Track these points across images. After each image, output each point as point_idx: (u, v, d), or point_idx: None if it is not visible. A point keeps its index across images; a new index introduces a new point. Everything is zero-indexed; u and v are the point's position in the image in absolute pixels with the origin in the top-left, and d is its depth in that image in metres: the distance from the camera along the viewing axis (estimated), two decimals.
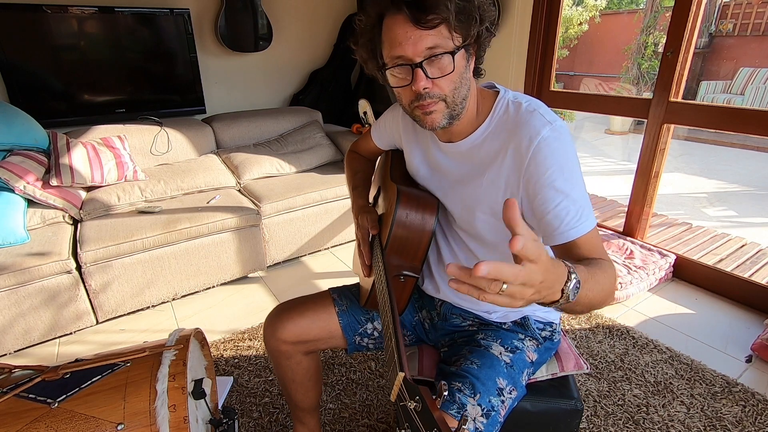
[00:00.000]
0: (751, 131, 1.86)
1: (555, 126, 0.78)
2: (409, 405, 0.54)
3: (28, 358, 1.76)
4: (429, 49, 0.73)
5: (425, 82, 0.76)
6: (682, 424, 1.38)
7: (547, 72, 2.52)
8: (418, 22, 0.72)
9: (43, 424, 0.75)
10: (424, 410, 0.52)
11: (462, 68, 0.77)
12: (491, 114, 0.85)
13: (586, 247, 0.75)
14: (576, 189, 0.77)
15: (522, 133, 0.79)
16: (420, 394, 0.53)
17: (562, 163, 0.77)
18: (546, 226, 0.78)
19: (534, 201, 0.79)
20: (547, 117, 0.80)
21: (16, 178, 1.85)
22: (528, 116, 0.80)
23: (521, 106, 0.83)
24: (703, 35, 6.72)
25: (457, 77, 0.77)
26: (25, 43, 2.20)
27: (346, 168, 1.26)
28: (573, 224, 0.75)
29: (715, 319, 1.90)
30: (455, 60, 0.75)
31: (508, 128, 0.83)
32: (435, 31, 0.73)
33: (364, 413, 1.45)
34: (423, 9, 0.71)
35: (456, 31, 0.74)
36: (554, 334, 1.01)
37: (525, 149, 0.78)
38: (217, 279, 2.17)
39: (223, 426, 1.04)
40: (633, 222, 2.33)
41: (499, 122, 0.85)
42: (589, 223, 0.76)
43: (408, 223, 0.88)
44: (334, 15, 3.30)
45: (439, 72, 0.76)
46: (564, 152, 0.78)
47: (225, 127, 2.71)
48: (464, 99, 0.81)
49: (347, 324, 1.04)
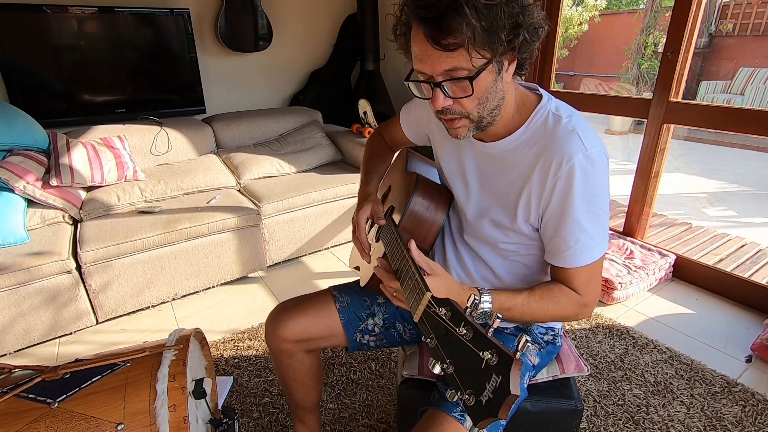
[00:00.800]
0: (751, 131, 1.86)
1: (590, 154, 0.75)
2: (439, 311, 0.58)
3: (28, 358, 1.76)
4: (447, 71, 0.69)
5: (443, 101, 0.72)
6: (682, 424, 1.38)
7: (547, 72, 2.52)
8: (436, 42, 0.66)
9: (43, 424, 0.75)
10: (454, 314, 0.56)
11: (488, 84, 0.72)
12: (528, 121, 0.81)
13: (573, 276, 0.81)
14: (593, 222, 0.77)
15: (555, 152, 0.76)
16: (450, 303, 0.58)
17: (587, 194, 0.76)
18: (552, 247, 0.82)
19: (549, 222, 0.80)
20: (585, 142, 0.75)
21: (16, 178, 1.85)
22: (566, 135, 0.76)
23: (561, 120, 0.78)
24: (703, 35, 6.72)
25: (481, 94, 0.72)
26: (25, 43, 2.20)
27: (366, 148, 1.20)
28: (577, 254, 0.79)
29: (715, 319, 1.90)
30: (475, 83, 0.69)
31: (542, 142, 0.79)
32: (454, 53, 0.66)
33: (364, 413, 1.45)
34: (439, 29, 0.65)
35: (479, 51, 0.67)
36: (556, 338, 1.01)
37: (554, 171, 0.76)
38: (217, 279, 2.17)
39: (223, 426, 1.04)
40: (633, 222, 2.33)
41: (535, 133, 0.80)
42: (590, 256, 0.79)
43: (422, 209, 0.93)
44: (334, 15, 3.30)
45: (462, 92, 0.71)
46: (592, 183, 0.75)
47: (225, 127, 2.71)
48: (495, 108, 0.76)
49: (348, 321, 1.04)
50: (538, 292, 0.81)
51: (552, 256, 0.82)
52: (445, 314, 0.57)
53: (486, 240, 0.91)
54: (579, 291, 0.81)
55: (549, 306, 0.80)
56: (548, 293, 0.81)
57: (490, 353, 0.48)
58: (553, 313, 0.81)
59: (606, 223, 0.80)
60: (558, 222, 0.79)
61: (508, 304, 0.77)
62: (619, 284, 1.96)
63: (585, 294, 0.81)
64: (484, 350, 0.49)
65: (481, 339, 0.50)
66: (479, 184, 0.91)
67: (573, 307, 0.81)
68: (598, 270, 0.81)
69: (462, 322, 0.54)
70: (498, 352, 0.48)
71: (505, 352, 0.47)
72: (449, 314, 0.57)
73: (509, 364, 0.46)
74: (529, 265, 0.91)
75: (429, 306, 0.61)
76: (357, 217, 0.98)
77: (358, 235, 0.98)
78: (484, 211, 0.90)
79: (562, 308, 0.81)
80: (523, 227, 0.84)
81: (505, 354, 0.47)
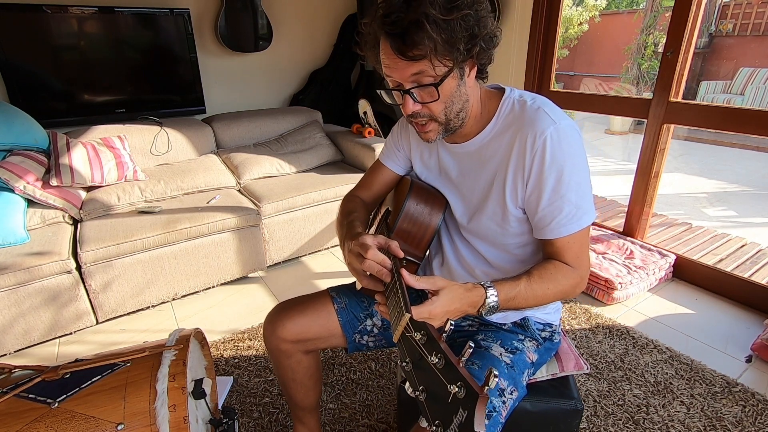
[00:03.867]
0: (751, 131, 1.86)
1: (559, 126, 0.79)
2: (414, 336, 0.57)
3: (28, 358, 1.76)
4: (414, 75, 0.75)
5: (413, 106, 0.79)
6: (682, 424, 1.38)
7: (547, 72, 2.52)
8: (402, 54, 0.73)
9: (43, 424, 0.75)
10: (429, 340, 0.55)
11: (452, 89, 0.78)
12: (497, 114, 0.87)
13: (563, 249, 0.82)
14: (573, 190, 0.80)
15: (526, 131, 0.81)
16: (426, 328, 0.57)
17: (564, 163, 0.79)
18: (537, 222, 0.84)
19: (532, 196, 0.82)
20: (553, 116, 0.80)
21: (16, 178, 1.85)
22: (533, 114, 0.81)
23: (526, 104, 0.84)
24: (703, 35, 6.72)
25: (447, 99, 0.79)
26: (25, 43, 2.20)
27: (342, 208, 1.05)
28: (562, 223, 0.80)
29: (715, 319, 1.90)
30: (440, 89, 0.76)
31: (513, 127, 0.84)
32: (419, 62, 0.73)
33: (364, 413, 1.45)
34: (404, 42, 0.72)
35: (441, 61, 0.74)
36: (554, 335, 1.01)
37: (530, 147, 0.80)
38: (217, 279, 2.17)
39: (223, 426, 1.04)
40: (633, 222, 2.33)
41: (505, 121, 0.86)
42: (577, 225, 0.81)
43: (416, 212, 0.93)
44: (334, 15, 3.30)
45: (428, 97, 0.78)
46: (567, 152, 0.79)
47: (225, 127, 2.71)
48: (460, 111, 0.82)
49: (347, 321, 1.04)
50: (536, 274, 0.81)
51: (540, 230, 0.84)
52: (420, 339, 0.56)
53: (484, 236, 0.93)
54: (571, 263, 0.83)
55: (549, 285, 0.81)
56: (545, 272, 0.81)
57: (458, 386, 0.47)
58: (555, 291, 0.81)
59: (589, 192, 0.82)
60: (540, 194, 0.81)
61: (512, 293, 0.78)
62: (619, 284, 1.96)
63: (577, 266, 0.83)
64: (452, 382, 0.48)
65: (451, 370, 0.50)
66: (465, 183, 0.93)
67: (570, 281, 0.83)
68: (586, 240, 0.84)
69: (435, 350, 0.53)
70: (465, 386, 0.47)
71: (472, 388, 0.46)
72: (424, 339, 0.56)
73: (475, 401, 0.45)
74: (528, 255, 0.93)
75: (406, 329, 0.60)
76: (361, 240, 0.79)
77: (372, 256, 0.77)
78: (478, 208, 0.91)
79: (562, 285, 0.82)
80: (514, 212, 0.86)
81: (472, 390, 0.46)
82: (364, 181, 1.12)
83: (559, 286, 0.81)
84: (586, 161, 0.82)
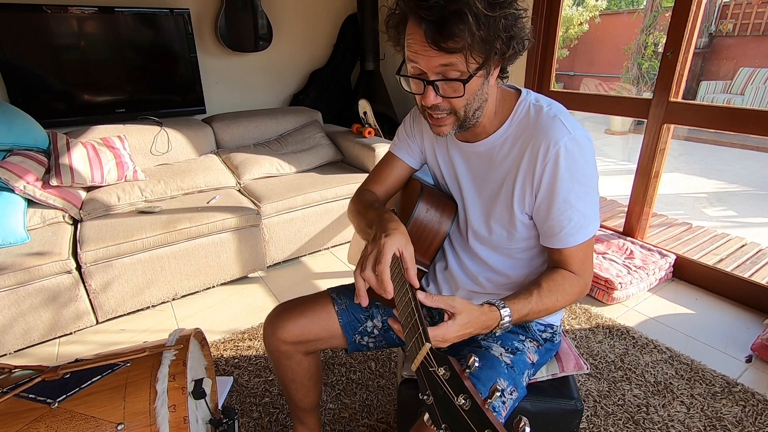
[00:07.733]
0: (751, 131, 1.86)
1: (574, 136, 0.78)
2: (438, 371, 0.55)
3: (28, 358, 1.76)
4: (443, 67, 0.71)
5: (434, 99, 0.75)
6: (682, 424, 1.38)
7: (547, 72, 2.52)
8: (435, 44, 0.68)
9: (43, 424, 0.75)
10: (453, 377, 0.53)
11: (476, 87, 0.75)
12: (511, 116, 0.85)
13: (570, 257, 0.83)
14: (583, 200, 0.80)
15: (541, 138, 0.79)
16: (449, 363, 0.55)
17: (576, 175, 0.78)
18: (546, 229, 0.84)
19: (541, 205, 0.82)
20: (568, 125, 0.79)
21: (16, 178, 1.85)
22: (549, 122, 0.80)
23: (542, 110, 0.82)
24: (703, 35, 6.72)
25: (470, 96, 0.76)
26: (25, 43, 2.20)
27: (355, 201, 1.00)
28: (571, 233, 0.81)
29: (715, 319, 1.90)
30: (467, 86, 0.72)
31: (528, 132, 0.82)
32: (452, 55, 0.69)
33: (364, 413, 1.45)
34: (441, 32, 0.67)
35: (474, 57, 0.70)
36: (555, 336, 1.01)
37: (542, 156, 0.79)
38: (217, 279, 2.17)
39: (223, 426, 1.04)
40: (633, 222, 2.33)
41: (519, 125, 0.84)
42: (584, 234, 0.81)
43: (426, 218, 0.91)
44: (334, 15, 3.30)
45: (452, 92, 0.74)
46: (580, 164, 0.78)
47: (225, 127, 2.71)
48: (478, 109, 0.80)
49: (347, 322, 1.04)
50: (545, 286, 0.81)
51: (547, 238, 0.84)
52: (443, 375, 0.54)
53: (489, 239, 0.92)
54: (576, 271, 0.84)
55: (558, 297, 0.81)
56: (554, 284, 0.82)
57: None
58: (563, 301, 0.83)
59: (596, 202, 0.83)
60: (550, 204, 0.81)
61: (525, 311, 0.78)
62: (619, 284, 1.96)
63: (582, 273, 0.84)
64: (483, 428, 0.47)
65: (479, 415, 0.48)
66: (473, 184, 0.92)
67: (576, 289, 0.84)
68: (590, 248, 0.85)
69: (461, 392, 0.51)
70: None
71: None
72: (447, 375, 0.54)
73: None
74: (531, 259, 0.93)
75: (428, 361, 0.57)
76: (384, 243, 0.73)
77: (381, 271, 0.71)
78: (486, 212, 0.91)
79: (569, 294, 0.83)
80: (521, 217, 0.86)
81: None
82: (376, 174, 1.05)
83: (567, 295, 0.82)
84: (596, 171, 0.82)
